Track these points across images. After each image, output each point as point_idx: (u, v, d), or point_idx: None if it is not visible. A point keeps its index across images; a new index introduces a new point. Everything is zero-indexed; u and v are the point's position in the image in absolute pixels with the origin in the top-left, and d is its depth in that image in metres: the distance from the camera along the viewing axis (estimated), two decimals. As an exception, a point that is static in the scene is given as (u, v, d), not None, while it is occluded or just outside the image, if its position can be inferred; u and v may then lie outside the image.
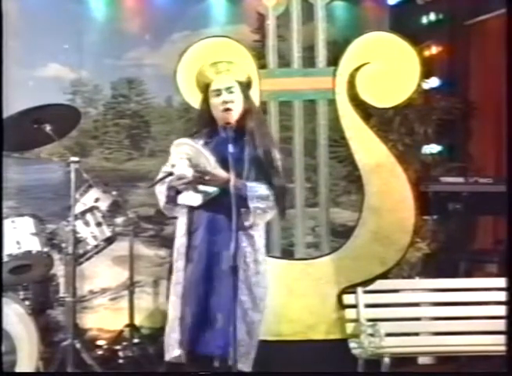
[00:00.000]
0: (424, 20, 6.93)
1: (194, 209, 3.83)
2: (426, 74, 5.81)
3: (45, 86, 6.43)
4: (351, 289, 5.10)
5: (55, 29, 6.45)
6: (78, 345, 4.87)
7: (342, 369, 4.80)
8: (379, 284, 5.12)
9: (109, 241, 5.14)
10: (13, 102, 4.88)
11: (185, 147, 3.73)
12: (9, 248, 4.74)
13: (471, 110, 6.73)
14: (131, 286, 5.85)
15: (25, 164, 6.36)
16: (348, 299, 5.08)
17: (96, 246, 5.08)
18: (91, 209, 5.07)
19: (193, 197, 3.78)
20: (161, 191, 3.86)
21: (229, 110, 3.80)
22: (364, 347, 4.79)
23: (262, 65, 5.46)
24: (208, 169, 3.71)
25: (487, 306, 5.02)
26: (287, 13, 5.58)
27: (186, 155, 3.71)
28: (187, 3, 6.70)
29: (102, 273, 6.37)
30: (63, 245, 4.95)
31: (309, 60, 5.59)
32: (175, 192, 3.80)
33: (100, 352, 5.78)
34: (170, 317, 3.86)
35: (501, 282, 4.39)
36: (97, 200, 5.14)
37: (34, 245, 4.82)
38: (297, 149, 5.53)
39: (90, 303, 6.47)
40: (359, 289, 5.04)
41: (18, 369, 4.60)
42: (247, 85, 3.94)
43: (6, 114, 4.69)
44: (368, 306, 5.00)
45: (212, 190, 3.76)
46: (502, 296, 4.26)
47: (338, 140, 5.76)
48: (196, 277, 3.78)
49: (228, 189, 3.64)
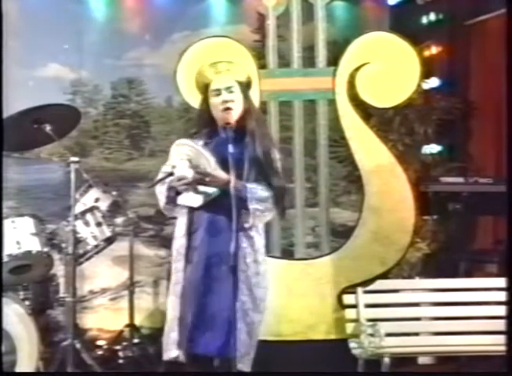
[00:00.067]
0: (424, 20, 6.92)
1: (194, 210, 3.83)
2: (426, 74, 5.81)
3: (45, 86, 6.43)
4: (351, 289, 5.10)
5: (55, 29, 6.45)
6: (78, 345, 4.87)
7: (342, 369, 4.80)
8: (379, 284, 5.12)
9: (109, 241, 5.14)
10: (13, 102, 4.88)
11: (185, 148, 3.73)
12: (9, 248, 4.74)
13: (471, 110, 6.72)
14: (131, 286, 5.85)
15: (25, 164, 6.36)
16: (348, 299, 5.08)
17: (96, 246, 5.08)
18: (91, 209, 5.07)
19: (194, 198, 3.77)
20: (161, 191, 3.85)
21: (229, 110, 3.80)
22: (364, 347, 4.79)
23: (262, 65, 5.46)
24: (208, 170, 3.70)
25: (487, 306, 5.02)
26: (287, 13, 5.58)
27: (187, 156, 3.71)
28: (187, 3, 6.70)
29: (102, 273, 6.37)
30: (63, 245, 4.95)
31: (309, 60, 5.59)
32: (175, 192, 3.80)
33: (100, 352, 5.78)
34: (169, 317, 3.86)
35: (501, 282, 4.39)
36: (97, 200, 5.14)
37: (34, 245, 4.82)
38: (297, 149, 5.53)
39: (90, 303, 6.47)
40: (359, 289, 5.04)
41: (18, 369, 4.59)
42: (247, 85, 3.94)
43: (6, 114, 4.68)
44: (368, 306, 5.00)
45: (212, 191, 3.75)
46: (502, 296, 4.25)
47: (338, 140, 5.77)
48: (195, 278, 3.78)
49: (228, 190, 3.64)
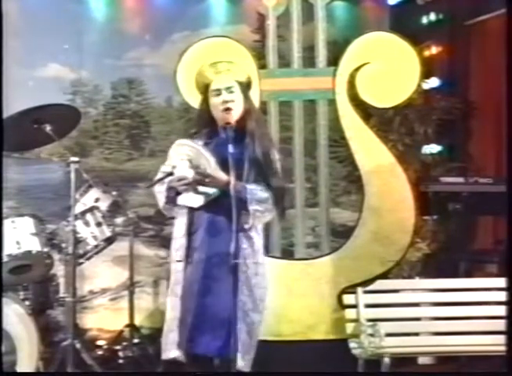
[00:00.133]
0: (424, 20, 6.92)
1: (194, 210, 3.83)
2: (426, 74, 5.81)
3: (45, 86, 6.43)
4: (351, 289, 5.10)
5: (55, 29, 6.45)
6: (78, 345, 4.87)
7: (342, 369, 4.80)
8: (379, 284, 5.12)
9: (109, 241, 5.14)
10: (13, 102, 4.88)
11: (185, 148, 3.73)
12: (9, 248, 4.74)
13: (471, 110, 6.72)
14: (131, 286, 5.84)
15: (25, 164, 6.36)
16: (348, 299, 5.07)
17: (96, 246, 5.08)
18: (91, 209, 5.06)
19: (194, 199, 3.77)
20: (160, 191, 3.85)
21: (229, 110, 3.79)
22: (364, 347, 4.79)
23: (262, 65, 5.46)
24: (208, 171, 3.69)
25: (487, 306, 5.02)
26: (287, 13, 5.58)
27: (187, 156, 3.71)
28: (187, 3, 6.70)
29: (102, 273, 6.37)
30: (63, 245, 4.95)
31: (309, 60, 5.59)
32: (175, 193, 3.80)
33: (100, 352, 5.78)
34: (168, 317, 3.85)
35: (501, 282, 4.39)
36: (97, 200, 5.14)
37: (34, 245, 4.82)
38: (297, 149, 5.53)
39: (90, 303, 6.46)
40: (359, 289, 5.04)
41: (18, 369, 4.59)
42: (247, 85, 3.93)
43: (6, 114, 4.68)
44: (368, 306, 5.00)
45: (212, 192, 3.75)
46: (502, 296, 4.26)
47: (338, 140, 5.76)
48: (195, 278, 3.78)
49: (227, 191, 3.63)
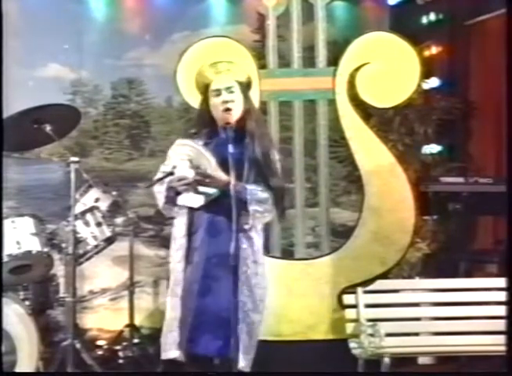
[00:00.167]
0: (424, 20, 6.92)
1: (194, 210, 3.82)
2: (426, 74, 5.81)
3: (45, 86, 6.43)
4: (351, 289, 5.10)
5: (55, 29, 6.45)
6: (78, 345, 4.86)
7: (342, 369, 4.81)
8: (379, 284, 5.12)
9: (109, 241, 5.14)
10: (13, 102, 4.88)
11: (186, 148, 3.73)
12: (9, 248, 4.74)
13: (471, 110, 6.72)
14: (131, 286, 5.84)
15: (25, 164, 6.36)
16: (348, 299, 5.07)
17: (96, 246, 5.08)
18: (91, 209, 5.06)
19: (194, 199, 3.76)
20: (160, 191, 3.84)
21: (229, 110, 3.79)
22: (364, 347, 4.79)
23: (262, 65, 5.46)
24: (209, 171, 3.69)
25: (487, 306, 5.02)
26: (287, 13, 5.58)
27: (187, 156, 3.71)
28: (187, 3, 6.70)
29: (102, 273, 6.36)
30: (63, 245, 4.95)
31: (309, 60, 5.60)
32: (175, 193, 3.79)
33: (100, 352, 5.78)
34: (168, 317, 3.85)
35: (501, 282, 4.39)
36: (97, 200, 5.14)
37: (34, 245, 4.82)
38: (297, 149, 5.53)
39: (90, 303, 6.46)
40: (359, 289, 5.03)
41: (18, 369, 4.59)
42: (247, 85, 3.93)
43: (6, 114, 4.68)
44: (368, 306, 4.99)
45: (212, 192, 3.74)
46: (502, 296, 4.25)
47: (338, 140, 5.76)
48: (195, 278, 3.78)
49: (228, 191, 3.64)
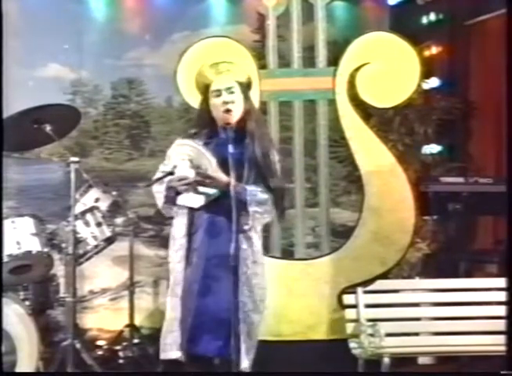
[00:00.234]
0: (424, 20, 6.93)
1: (194, 211, 3.82)
2: (426, 74, 5.81)
3: (45, 86, 6.43)
4: (351, 289, 5.10)
5: (55, 29, 6.45)
6: (78, 345, 4.86)
7: (342, 369, 4.80)
8: (379, 284, 5.12)
9: (109, 241, 5.14)
10: (13, 102, 4.88)
11: (186, 148, 3.72)
12: (9, 248, 4.74)
13: (471, 110, 6.72)
14: (131, 286, 5.84)
15: (25, 164, 6.36)
16: (348, 299, 5.07)
17: (96, 246, 5.07)
18: (91, 209, 5.06)
19: (194, 199, 3.76)
20: (159, 191, 3.84)
21: (230, 111, 3.78)
22: (364, 347, 4.79)
23: (262, 65, 5.46)
24: (209, 172, 3.69)
25: (487, 306, 5.02)
26: (287, 13, 5.58)
27: (188, 156, 3.71)
28: (187, 3, 6.70)
29: (102, 273, 6.36)
30: (63, 245, 4.95)
31: (309, 60, 5.60)
32: (175, 192, 3.79)
33: (100, 352, 5.77)
34: (168, 317, 3.85)
35: (501, 282, 4.39)
36: (97, 200, 5.14)
37: (34, 245, 4.82)
38: (297, 149, 5.53)
39: (90, 303, 6.46)
40: (359, 289, 5.03)
41: (18, 369, 4.59)
42: (247, 86, 3.92)
43: (6, 114, 4.68)
44: (368, 306, 4.99)
45: (213, 192, 3.74)
46: (502, 296, 4.26)
47: (338, 140, 5.77)
48: (195, 278, 3.78)
49: (228, 191, 3.64)
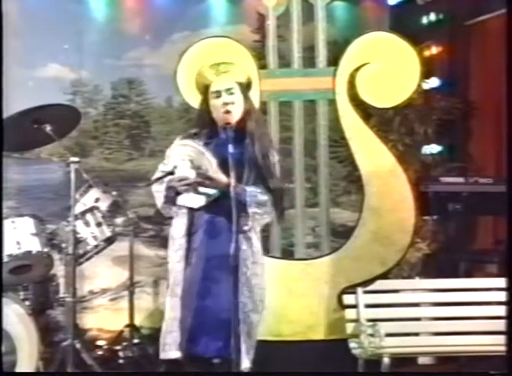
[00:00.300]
0: (424, 20, 6.93)
1: (194, 211, 3.82)
2: (426, 74, 5.81)
3: (45, 86, 6.43)
4: (351, 289, 5.10)
5: (55, 29, 6.45)
6: (78, 345, 4.86)
7: (342, 369, 4.80)
8: (379, 284, 5.12)
9: (109, 241, 5.14)
10: (13, 102, 4.87)
11: (187, 148, 3.72)
12: (9, 248, 4.73)
13: (471, 110, 6.73)
14: (131, 286, 5.84)
15: (25, 164, 6.36)
16: (348, 299, 5.07)
17: (96, 246, 5.07)
18: (91, 209, 5.06)
19: (194, 199, 3.76)
20: (159, 190, 3.84)
21: (230, 112, 3.78)
22: (364, 347, 4.79)
23: (262, 65, 5.46)
24: (210, 172, 3.69)
25: (487, 306, 5.02)
26: (287, 13, 5.58)
27: (188, 156, 3.71)
28: (187, 3, 6.70)
29: (102, 273, 6.36)
30: (63, 245, 4.95)
31: (309, 60, 5.60)
32: (175, 192, 3.79)
33: (100, 353, 5.78)
34: (167, 317, 3.85)
35: (501, 282, 4.39)
36: (97, 200, 5.14)
37: (34, 245, 4.82)
38: (297, 149, 5.53)
39: (90, 303, 6.46)
40: (359, 289, 5.03)
41: (18, 369, 4.59)
42: (247, 86, 3.92)
43: (6, 114, 4.67)
44: (368, 306, 4.99)
45: (213, 192, 3.74)
46: (502, 296, 4.26)
47: (338, 140, 5.76)
48: (195, 279, 3.78)
49: (228, 192, 3.63)
